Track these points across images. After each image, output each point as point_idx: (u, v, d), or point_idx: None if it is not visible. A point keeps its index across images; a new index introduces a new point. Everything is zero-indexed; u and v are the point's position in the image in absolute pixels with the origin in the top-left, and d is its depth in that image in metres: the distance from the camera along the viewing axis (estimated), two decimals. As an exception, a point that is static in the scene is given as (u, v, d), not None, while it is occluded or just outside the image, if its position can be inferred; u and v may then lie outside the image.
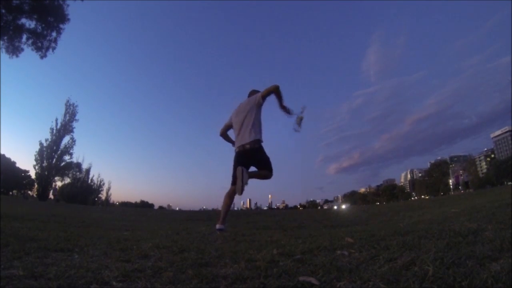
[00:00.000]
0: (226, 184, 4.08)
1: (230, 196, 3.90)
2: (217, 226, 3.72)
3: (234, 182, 3.82)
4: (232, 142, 4.31)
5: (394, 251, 1.70)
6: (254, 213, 12.26)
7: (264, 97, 4.03)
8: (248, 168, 3.92)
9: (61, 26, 14.19)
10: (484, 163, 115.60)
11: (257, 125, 4.02)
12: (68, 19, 14.28)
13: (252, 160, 3.98)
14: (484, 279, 1.09)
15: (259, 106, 4.06)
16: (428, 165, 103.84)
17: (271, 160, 4.04)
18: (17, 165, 58.09)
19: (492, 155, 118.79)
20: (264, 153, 4.03)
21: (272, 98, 4.03)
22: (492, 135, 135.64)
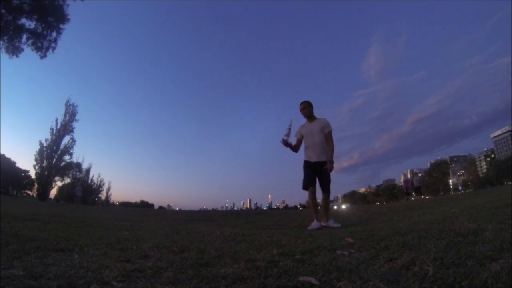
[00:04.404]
0: (224, 184, 4.11)
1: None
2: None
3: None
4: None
5: (394, 251, 1.70)
6: (254, 213, 12.25)
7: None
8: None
9: (61, 26, 14.19)
10: (484, 163, 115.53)
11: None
12: (68, 19, 14.28)
13: None
14: (484, 279, 1.09)
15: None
16: (428, 165, 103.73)
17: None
18: (17, 165, 58.12)
19: (492, 155, 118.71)
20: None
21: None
22: (492, 135, 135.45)
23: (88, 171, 52.20)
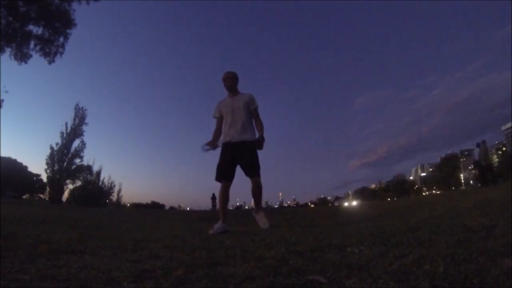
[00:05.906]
0: (234, 183, 4.13)
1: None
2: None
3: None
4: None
5: (404, 248, 1.68)
6: (264, 211, 12.27)
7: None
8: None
9: (68, 31, 14.37)
10: (495, 156, 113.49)
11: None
12: (75, 24, 14.47)
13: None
14: (496, 275, 1.07)
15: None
16: (439, 159, 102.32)
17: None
18: (29, 169, 58.96)
19: (504, 148, 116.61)
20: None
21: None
22: (503, 128, 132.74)
23: (98, 173, 52.59)
